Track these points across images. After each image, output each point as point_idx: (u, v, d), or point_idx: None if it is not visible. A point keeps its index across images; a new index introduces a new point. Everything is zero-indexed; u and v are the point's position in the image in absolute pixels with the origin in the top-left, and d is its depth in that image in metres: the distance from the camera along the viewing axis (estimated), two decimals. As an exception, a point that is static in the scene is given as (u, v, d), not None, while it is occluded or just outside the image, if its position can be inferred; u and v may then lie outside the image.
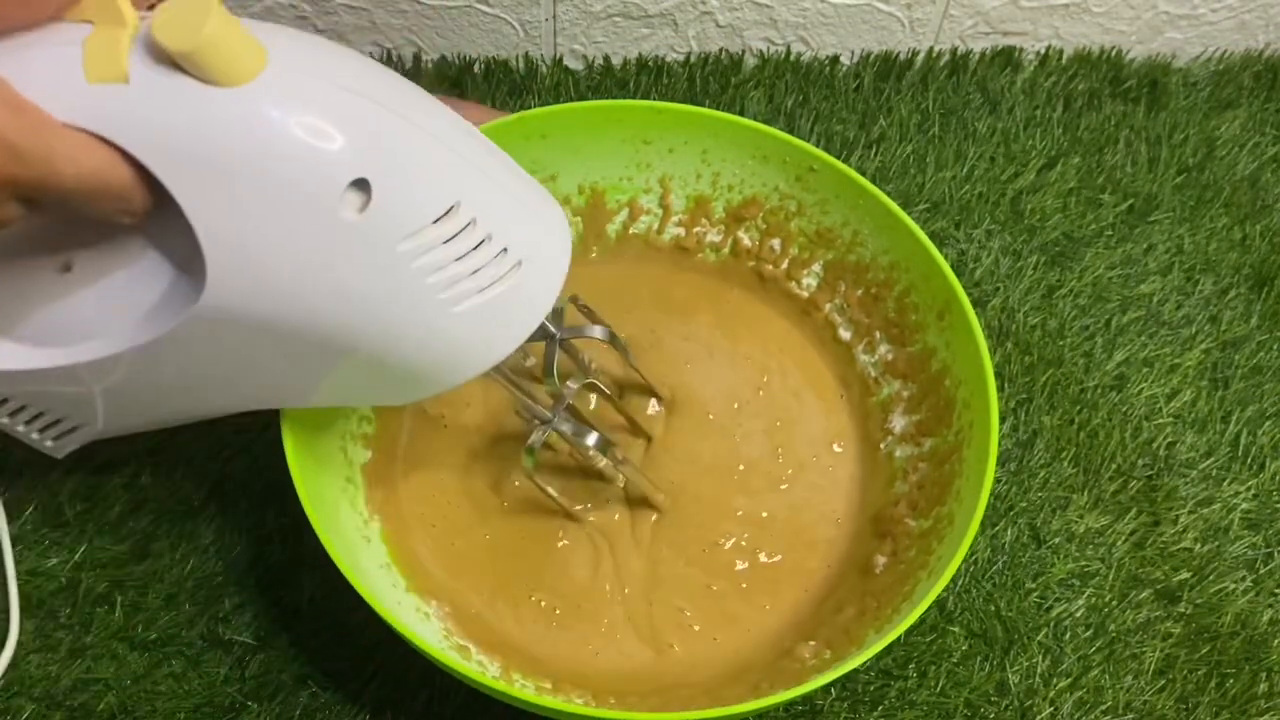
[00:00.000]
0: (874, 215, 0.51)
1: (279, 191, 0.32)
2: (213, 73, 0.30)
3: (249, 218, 0.32)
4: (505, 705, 0.47)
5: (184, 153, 0.31)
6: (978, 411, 0.46)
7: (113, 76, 0.30)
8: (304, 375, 0.38)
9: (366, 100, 0.33)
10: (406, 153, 0.33)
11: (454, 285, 0.35)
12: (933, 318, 0.50)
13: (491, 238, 0.35)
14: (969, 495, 0.44)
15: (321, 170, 0.32)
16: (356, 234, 0.33)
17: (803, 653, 0.45)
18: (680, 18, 0.68)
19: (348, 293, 0.34)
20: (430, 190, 0.34)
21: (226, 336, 0.35)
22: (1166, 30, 0.74)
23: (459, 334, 0.37)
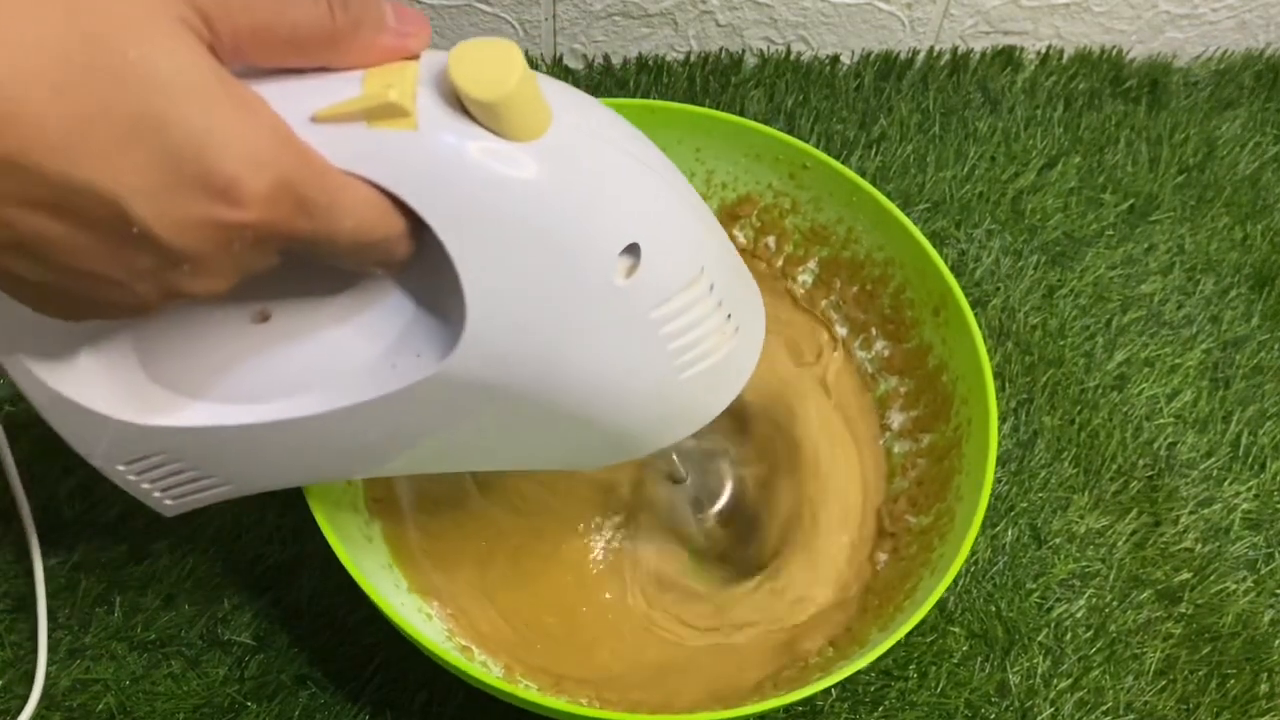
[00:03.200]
0: (868, 212, 0.51)
1: (557, 252, 0.30)
2: (509, 126, 0.28)
3: (522, 278, 0.30)
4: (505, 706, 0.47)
5: (467, 207, 0.29)
6: (976, 408, 0.46)
7: (399, 123, 0.28)
8: (515, 441, 0.36)
9: (638, 163, 0.32)
10: (670, 217, 0.33)
11: (687, 352, 0.34)
12: (928, 314, 0.50)
13: (721, 304, 0.34)
14: (969, 492, 0.44)
15: (603, 233, 0.31)
16: (620, 300, 0.32)
17: (807, 651, 0.45)
18: (680, 17, 0.68)
19: (598, 359, 0.33)
20: (685, 255, 0.33)
21: (457, 400, 0.33)
22: (1167, 30, 0.74)
23: (678, 401, 0.36)
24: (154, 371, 0.34)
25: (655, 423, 0.36)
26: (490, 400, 0.33)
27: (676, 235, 0.33)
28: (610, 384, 0.34)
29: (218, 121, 0.25)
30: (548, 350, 0.32)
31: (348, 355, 0.34)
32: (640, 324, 0.32)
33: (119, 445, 0.35)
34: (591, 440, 0.36)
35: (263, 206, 0.26)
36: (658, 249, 0.31)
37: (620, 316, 0.32)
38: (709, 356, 0.34)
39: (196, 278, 0.27)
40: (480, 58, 0.28)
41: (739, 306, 0.35)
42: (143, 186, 0.24)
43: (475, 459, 0.38)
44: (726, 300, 0.34)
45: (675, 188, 0.33)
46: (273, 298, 0.34)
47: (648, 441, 0.37)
